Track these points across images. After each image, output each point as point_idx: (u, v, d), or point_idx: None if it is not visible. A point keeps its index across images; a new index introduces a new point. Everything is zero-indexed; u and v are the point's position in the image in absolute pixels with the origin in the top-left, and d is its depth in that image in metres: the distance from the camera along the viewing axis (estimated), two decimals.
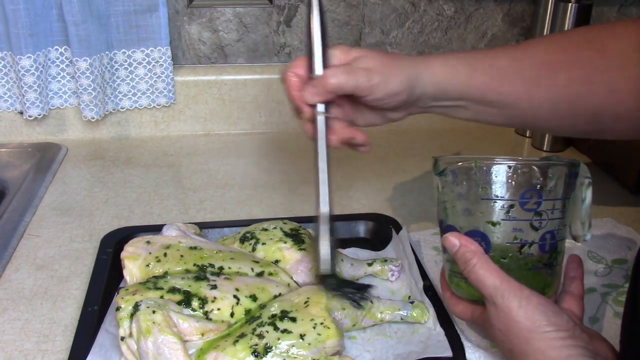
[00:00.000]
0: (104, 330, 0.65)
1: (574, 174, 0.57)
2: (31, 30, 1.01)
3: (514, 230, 0.55)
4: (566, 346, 0.50)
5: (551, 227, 0.56)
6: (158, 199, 0.95)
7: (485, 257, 0.55)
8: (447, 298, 0.62)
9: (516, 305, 0.52)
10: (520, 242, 0.55)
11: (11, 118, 1.11)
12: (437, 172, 0.57)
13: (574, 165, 0.57)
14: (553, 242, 0.56)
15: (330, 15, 1.16)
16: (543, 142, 1.14)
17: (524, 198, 0.54)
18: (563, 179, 0.56)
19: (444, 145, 1.16)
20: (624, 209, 0.94)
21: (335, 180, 1.01)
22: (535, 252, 0.56)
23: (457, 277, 0.58)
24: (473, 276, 0.54)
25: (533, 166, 0.55)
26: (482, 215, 0.55)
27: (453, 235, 0.56)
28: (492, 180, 0.54)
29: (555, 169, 0.55)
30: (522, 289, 0.52)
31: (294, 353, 0.59)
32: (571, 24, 1.04)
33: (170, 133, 1.17)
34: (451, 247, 0.56)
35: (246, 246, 0.75)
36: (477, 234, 0.56)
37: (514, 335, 0.52)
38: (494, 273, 0.53)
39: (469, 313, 0.60)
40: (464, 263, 0.55)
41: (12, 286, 0.75)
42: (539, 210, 0.55)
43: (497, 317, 0.53)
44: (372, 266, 0.75)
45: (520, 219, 0.55)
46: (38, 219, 0.89)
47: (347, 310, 0.66)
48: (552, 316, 0.51)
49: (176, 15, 1.13)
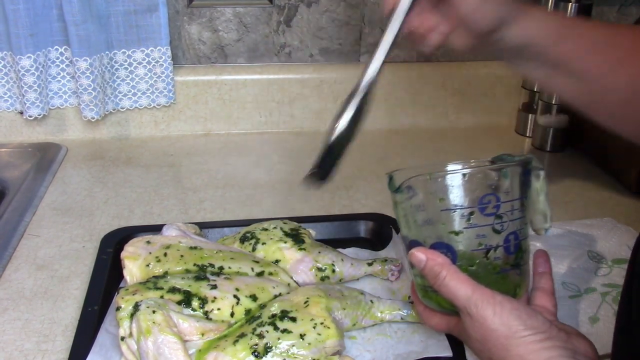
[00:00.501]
0: (104, 330, 0.65)
1: (527, 171, 0.57)
2: (31, 30, 1.01)
3: (477, 236, 0.54)
4: (545, 348, 0.50)
5: (513, 228, 0.55)
6: (158, 199, 0.95)
7: (453, 268, 0.54)
8: (421, 312, 0.61)
9: (490, 314, 0.51)
10: (485, 247, 0.55)
11: (11, 118, 1.11)
12: (393, 189, 0.57)
13: (526, 162, 0.57)
14: (517, 242, 0.56)
15: (330, 15, 1.16)
16: (543, 141, 1.14)
17: (482, 203, 0.54)
18: (518, 178, 0.56)
19: (444, 145, 1.16)
20: (624, 209, 0.94)
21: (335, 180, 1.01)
22: (501, 255, 0.55)
23: (428, 291, 0.58)
24: (444, 289, 0.54)
25: (486, 170, 0.54)
26: (444, 226, 0.55)
27: (419, 251, 0.55)
28: (449, 190, 0.54)
29: (508, 170, 0.55)
30: (495, 296, 0.52)
31: (294, 353, 0.59)
32: None
33: (170, 133, 1.17)
34: (418, 263, 0.55)
35: (246, 246, 0.75)
36: (442, 245, 0.55)
37: (492, 343, 0.51)
38: (464, 283, 0.53)
39: (444, 325, 0.59)
40: (433, 277, 0.54)
41: (12, 286, 0.75)
42: (499, 213, 0.54)
43: (472, 327, 0.52)
44: (372, 266, 0.75)
45: (482, 224, 0.54)
46: (38, 219, 0.89)
47: (347, 310, 0.66)
48: (527, 319, 0.51)
49: (176, 15, 1.13)
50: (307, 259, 0.73)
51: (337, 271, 0.73)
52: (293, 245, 0.74)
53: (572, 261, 0.79)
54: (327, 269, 0.73)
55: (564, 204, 0.96)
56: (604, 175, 1.04)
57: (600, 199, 0.97)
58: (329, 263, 0.73)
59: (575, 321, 0.69)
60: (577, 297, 0.73)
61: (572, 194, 0.98)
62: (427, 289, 0.58)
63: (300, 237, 0.75)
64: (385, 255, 0.79)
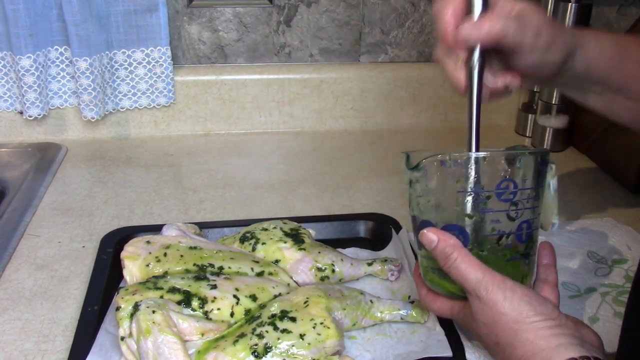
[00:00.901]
0: (104, 330, 0.65)
1: (544, 162, 0.57)
2: (31, 30, 1.01)
3: (491, 221, 0.54)
4: (555, 335, 0.50)
5: (527, 217, 0.55)
6: (158, 199, 0.95)
7: (465, 250, 0.54)
8: (424, 295, 0.61)
9: (501, 298, 0.51)
10: (498, 234, 0.55)
11: (11, 118, 1.11)
12: (409, 167, 0.56)
13: (543, 153, 0.57)
14: (529, 231, 0.56)
15: (330, 15, 1.16)
16: (543, 141, 1.14)
17: (500, 188, 0.54)
18: (534, 167, 0.56)
19: (444, 145, 1.16)
20: (624, 209, 0.94)
21: (335, 180, 1.01)
22: (513, 242, 0.55)
23: (434, 273, 0.58)
24: (454, 271, 0.54)
25: (505, 157, 0.54)
26: (459, 208, 0.54)
27: (430, 231, 0.55)
28: (468, 172, 0.54)
29: (525, 158, 0.55)
30: (505, 281, 0.52)
31: (294, 353, 0.59)
32: (571, 24, 1.05)
33: (170, 133, 1.17)
34: (429, 243, 0.55)
35: (246, 246, 0.75)
36: (454, 227, 0.55)
37: (501, 327, 0.51)
38: (475, 266, 0.53)
39: (447, 309, 0.58)
40: (444, 258, 0.54)
41: (12, 286, 0.75)
42: (515, 200, 0.54)
43: (481, 310, 0.52)
44: (372, 266, 0.75)
45: (497, 210, 0.54)
46: (38, 219, 0.89)
47: (347, 310, 0.66)
48: (537, 306, 0.51)
49: (176, 15, 1.13)
50: (307, 259, 0.73)
51: (337, 271, 0.73)
52: (293, 245, 0.74)
53: (572, 261, 0.79)
54: (327, 269, 0.73)
55: (564, 204, 0.95)
56: (604, 175, 1.04)
57: (600, 199, 0.97)
58: (329, 263, 0.73)
59: None
60: (577, 297, 0.73)
61: (572, 194, 0.98)
62: (434, 271, 0.57)
63: (300, 237, 0.75)
64: (385, 255, 0.79)
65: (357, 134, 1.19)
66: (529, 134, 1.19)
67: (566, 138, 1.14)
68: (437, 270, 0.57)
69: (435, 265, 0.56)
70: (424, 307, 0.61)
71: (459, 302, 0.57)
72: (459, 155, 0.54)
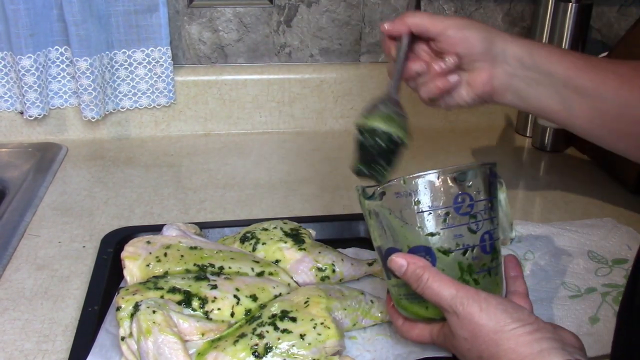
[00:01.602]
0: (104, 330, 0.65)
1: (493, 173, 0.58)
2: (31, 30, 1.01)
3: (454, 236, 0.55)
4: (536, 340, 0.50)
5: (487, 228, 0.57)
6: (158, 199, 0.95)
7: (434, 270, 0.54)
8: (400, 326, 0.61)
9: (477, 310, 0.51)
10: (463, 247, 0.56)
11: (11, 118, 1.11)
12: (366, 197, 0.58)
13: (491, 165, 0.58)
14: (492, 242, 0.57)
15: (330, 15, 1.16)
16: (544, 141, 1.14)
17: (457, 203, 0.55)
18: (485, 179, 0.57)
19: (444, 145, 1.16)
20: (624, 209, 0.94)
21: (335, 180, 1.01)
22: (478, 254, 0.56)
23: (407, 300, 0.58)
24: (428, 291, 0.54)
25: (454, 172, 0.55)
26: (421, 229, 0.55)
27: (398, 256, 0.56)
28: (422, 193, 0.55)
29: (476, 171, 0.56)
30: (479, 293, 0.53)
31: (294, 353, 0.59)
32: (571, 24, 1.05)
33: (170, 133, 1.17)
34: (399, 268, 0.55)
35: (246, 246, 0.75)
36: (420, 249, 0.56)
37: (482, 339, 0.51)
38: (448, 283, 0.53)
39: (427, 334, 0.58)
40: (415, 280, 0.54)
41: (12, 286, 0.75)
42: (473, 213, 0.56)
43: (460, 325, 0.52)
44: (372, 266, 0.75)
45: (458, 224, 0.55)
46: (38, 219, 0.89)
47: (347, 310, 0.66)
48: (513, 312, 0.51)
49: (176, 15, 1.13)
50: (307, 259, 0.73)
51: (337, 271, 0.73)
52: (293, 245, 0.74)
53: (572, 261, 0.79)
54: (327, 269, 0.73)
55: (564, 204, 0.96)
56: (604, 175, 1.04)
57: (600, 199, 0.97)
58: (329, 263, 0.73)
59: (575, 321, 0.69)
60: (577, 297, 0.73)
61: (572, 194, 0.98)
62: (407, 297, 0.58)
63: (300, 237, 0.75)
64: None
65: None
66: (529, 134, 1.19)
67: (566, 138, 1.13)
68: (410, 296, 0.57)
69: (408, 292, 0.57)
70: (402, 337, 0.62)
71: (437, 325, 0.57)
72: (412, 178, 0.55)
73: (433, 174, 0.55)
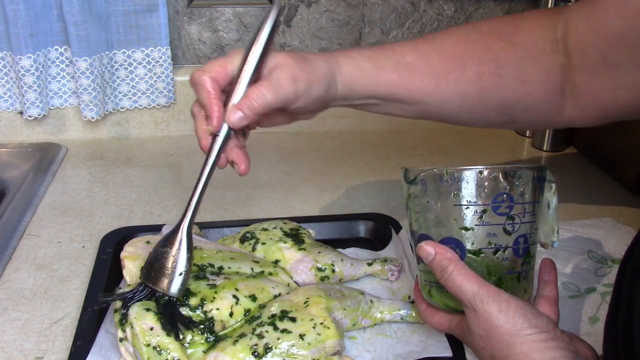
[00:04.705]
0: (104, 330, 0.65)
1: (542, 178, 0.58)
2: (31, 30, 1.01)
3: (487, 235, 0.55)
4: (549, 348, 0.50)
5: (524, 231, 0.56)
6: (158, 199, 0.95)
7: (461, 263, 0.54)
8: (423, 310, 0.61)
9: (496, 310, 0.51)
10: (495, 247, 0.55)
11: (11, 118, 1.11)
12: (407, 181, 0.58)
13: (540, 169, 0.58)
14: (526, 245, 0.57)
15: (330, 15, 1.16)
16: (543, 141, 1.14)
17: (495, 202, 0.55)
18: (531, 183, 0.56)
19: (443, 145, 1.16)
20: (624, 209, 0.94)
21: (335, 180, 1.01)
22: (510, 256, 0.56)
23: (433, 288, 0.58)
24: (451, 284, 0.54)
25: (502, 171, 0.55)
26: (455, 222, 0.55)
27: (428, 244, 0.56)
28: (464, 186, 0.55)
29: (523, 173, 0.56)
30: (501, 294, 0.52)
31: (294, 353, 0.59)
32: None
33: (170, 133, 1.17)
34: (426, 256, 0.56)
35: (246, 246, 0.75)
36: (451, 241, 0.56)
37: (496, 340, 0.51)
38: (471, 279, 0.53)
39: (445, 323, 0.59)
40: (440, 271, 0.55)
41: (12, 286, 0.75)
42: (511, 214, 0.55)
43: (477, 323, 0.53)
44: (372, 266, 0.75)
45: (494, 223, 0.55)
46: (38, 219, 0.89)
47: (347, 310, 0.66)
48: (532, 318, 0.51)
49: (176, 15, 1.13)
50: (307, 259, 0.73)
51: (337, 271, 0.73)
52: (293, 245, 0.74)
53: (572, 261, 0.79)
54: (327, 269, 0.73)
55: (564, 204, 0.96)
56: (604, 175, 1.04)
57: (600, 199, 0.97)
58: (329, 263, 0.73)
59: (575, 321, 0.69)
60: (577, 297, 0.73)
61: (572, 194, 0.98)
62: (432, 285, 0.58)
63: (300, 237, 0.75)
64: (385, 255, 0.79)
65: (357, 134, 1.19)
66: (529, 134, 1.19)
67: (566, 138, 1.13)
68: (435, 285, 0.57)
69: (434, 280, 0.57)
70: (423, 321, 0.62)
71: (457, 317, 0.57)
72: (456, 170, 0.55)
73: (478, 170, 0.55)
